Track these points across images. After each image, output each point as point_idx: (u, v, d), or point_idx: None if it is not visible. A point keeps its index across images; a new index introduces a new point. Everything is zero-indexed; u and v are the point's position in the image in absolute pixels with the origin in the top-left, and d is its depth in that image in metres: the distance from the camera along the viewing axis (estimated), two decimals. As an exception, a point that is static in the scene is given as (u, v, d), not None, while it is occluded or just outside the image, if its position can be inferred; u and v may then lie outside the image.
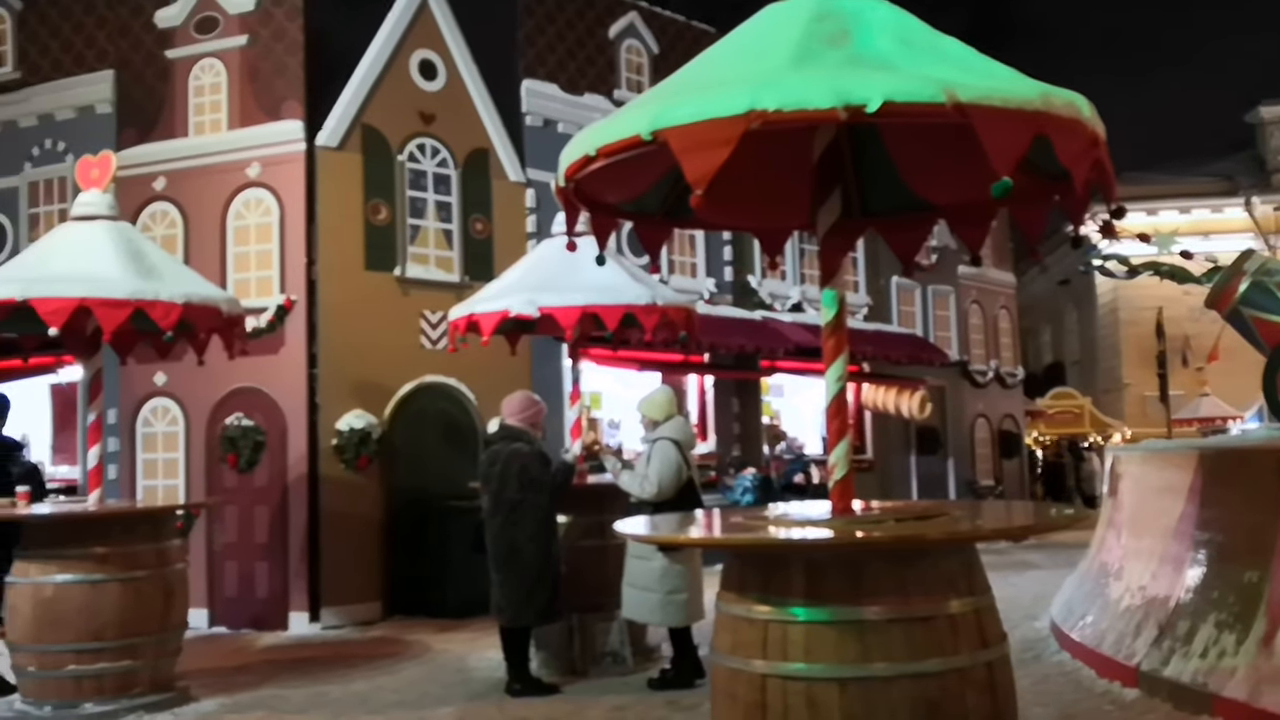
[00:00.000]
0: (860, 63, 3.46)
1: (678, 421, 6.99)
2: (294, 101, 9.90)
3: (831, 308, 4.02)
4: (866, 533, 3.79)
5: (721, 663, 3.82)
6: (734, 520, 4.54)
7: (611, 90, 12.39)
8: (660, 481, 6.62)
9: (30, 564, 6.57)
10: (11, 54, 11.30)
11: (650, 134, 3.37)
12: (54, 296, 6.45)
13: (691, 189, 3.28)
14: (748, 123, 3.22)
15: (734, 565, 3.89)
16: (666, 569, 6.57)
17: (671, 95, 3.59)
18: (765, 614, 3.64)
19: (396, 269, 10.21)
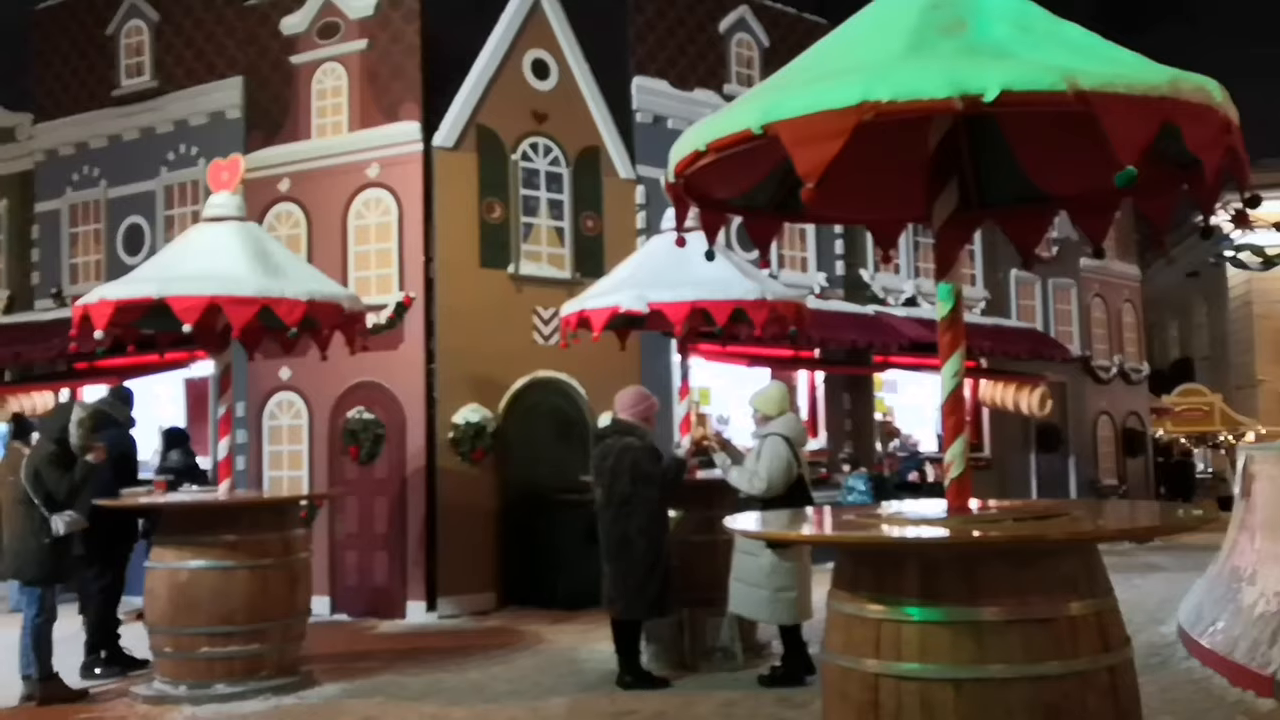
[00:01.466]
0: (977, 51, 3.39)
1: (790, 417, 6.94)
2: (411, 103, 10.14)
3: (947, 302, 3.95)
4: (984, 532, 3.72)
5: (833, 661, 3.79)
6: (846, 518, 4.49)
7: (722, 85, 12.36)
8: (770, 477, 6.58)
9: (166, 550, 6.89)
10: (149, 64, 11.83)
11: (761, 128, 3.35)
12: (187, 295, 6.74)
13: (803, 182, 3.25)
14: (860, 115, 3.18)
15: (846, 563, 3.86)
16: (775, 566, 6.52)
17: (782, 88, 3.56)
18: (878, 613, 3.61)
19: (510, 266, 10.37)
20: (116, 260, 11.64)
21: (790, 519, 4.85)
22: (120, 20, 12.00)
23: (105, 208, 12.00)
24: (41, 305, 12.32)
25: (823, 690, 3.95)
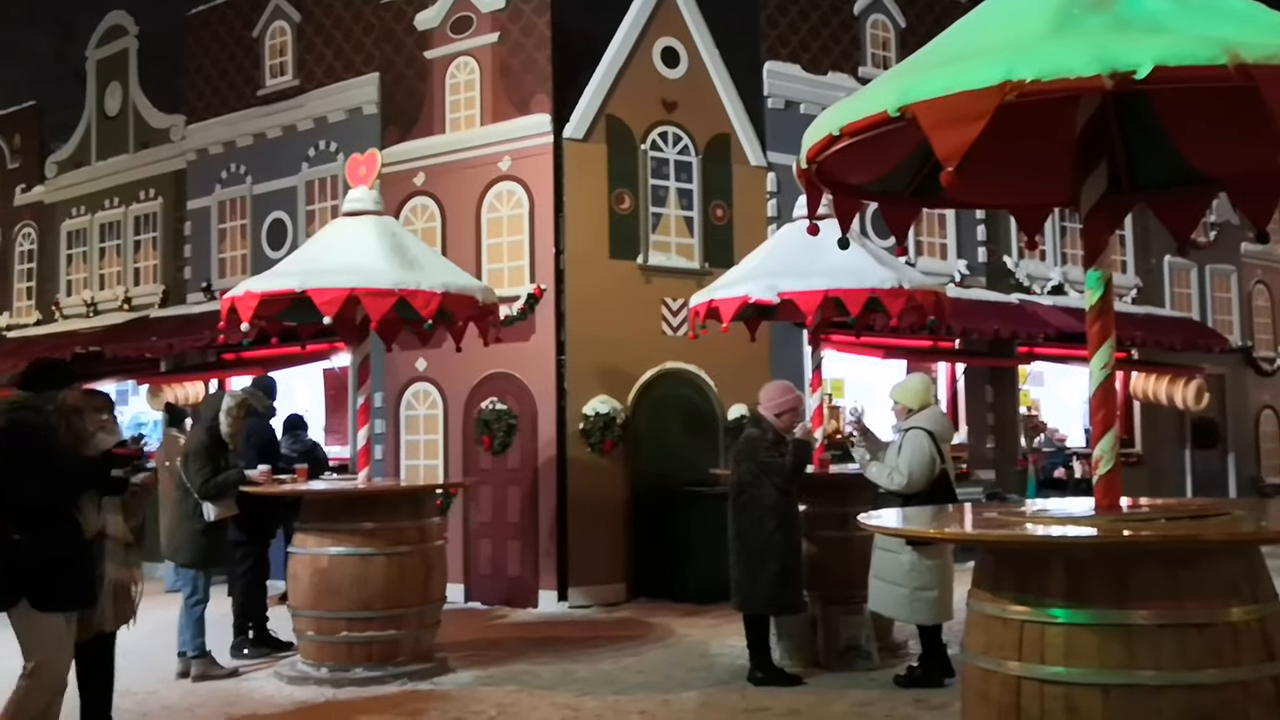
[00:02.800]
0: (1128, 25, 3.22)
1: (933, 410, 6.75)
2: (542, 95, 10.22)
3: (1096, 290, 3.79)
4: (1134, 531, 3.58)
5: (973, 662, 3.69)
6: (988, 515, 4.34)
7: (856, 68, 12.11)
8: (911, 473, 6.39)
9: (308, 536, 7.12)
10: (291, 63, 12.25)
11: (898, 110, 3.25)
12: (328, 288, 6.93)
13: (942, 166, 3.14)
14: (1003, 94, 3.06)
15: (988, 562, 3.74)
16: (915, 564, 6.34)
17: (920, 69, 3.45)
18: (1021, 614, 3.51)
19: (639, 257, 10.37)
20: (261, 254, 12.10)
21: (931, 516, 4.71)
22: (265, 22, 12.46)
23: (251, 204, 12.49)
24: (193, 299, 12.89)
25: (962, 692, 3.84)
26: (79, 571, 5.00)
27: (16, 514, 4.84)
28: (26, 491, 4.81)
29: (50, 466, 4.89)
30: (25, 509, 4.84)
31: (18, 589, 4.84)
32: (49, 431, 5.00)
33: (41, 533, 4.84)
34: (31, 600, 4.82)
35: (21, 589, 4.83)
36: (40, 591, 4.84)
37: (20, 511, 4.84)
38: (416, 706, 6.42)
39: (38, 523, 4.85)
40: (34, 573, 4.81)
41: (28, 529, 4.82)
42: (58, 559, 4.88)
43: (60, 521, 4.93)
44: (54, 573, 4.87)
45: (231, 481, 7.33)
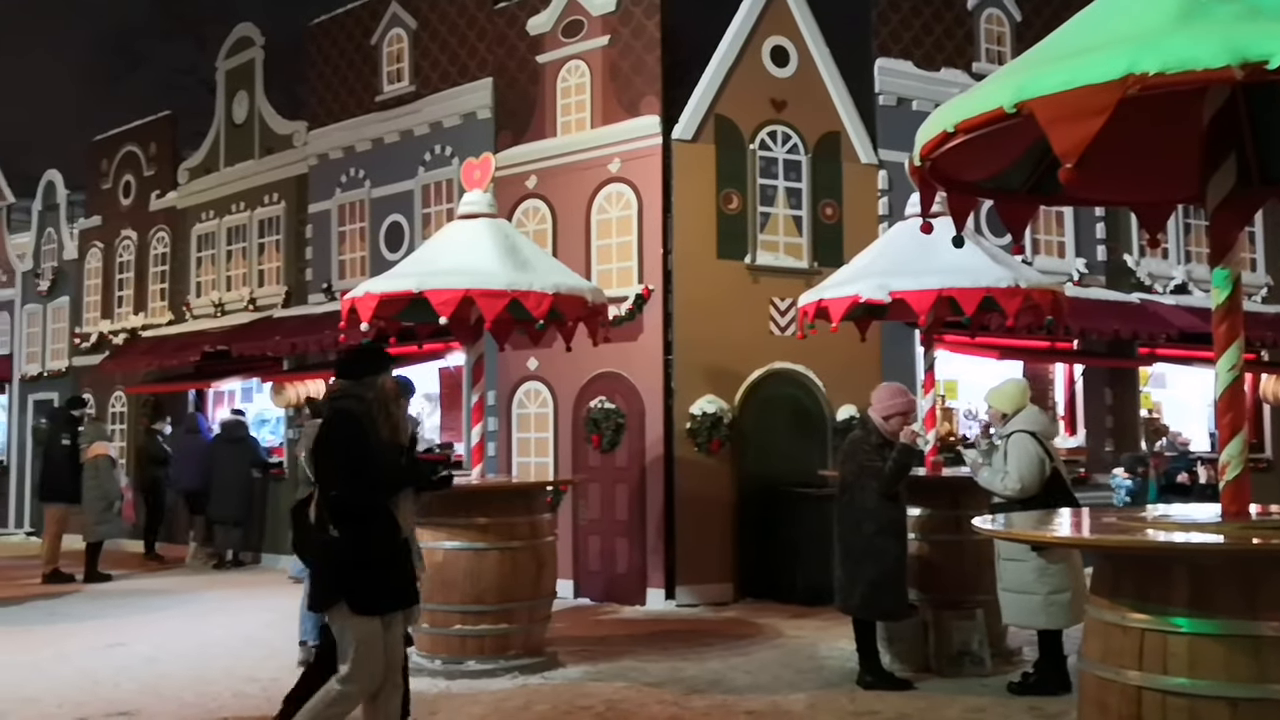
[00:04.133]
0: (1260, 14, 3.12)
1: (1032, 411, 6.60)
2: (651, 96, 10.28)
3: (1224, 289, 3.67)
4: (1264, 539, 3.44)
5: (1091, 671, 3.61)
6: (1106, 520, 4.24)
7: (970, 64, 11.87)
8: (1021, 477, 6.26)
9: (424, 530, 7.27)
10: (408, 70, 12.57)
11: (1014, 106, 3.21)
12: (443, 289, 7.10)
13: (1060, 162, 3.08)
14: (1124, 88, 2.99)
15: (1106, 568, 3.65)
16: (1044, 569, 6.18)
17: (1038, 63, 3.39)
18: (1142, 622, 3.42)
19: (747, 257, 10.35)
20: (379, 256, 12.43)
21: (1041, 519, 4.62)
22: (383, 30, 12.80)
23: (369, 207, 12.84)
24: (314, 299, 13.31)
25: (1079, 700, 3.76)
26: (399, 572, 4.76)
27: (335, 511, 4.62)
28: (350, 489, 4.59)
29: (374, 461, 4.65)
30: (345, 506, 4.62)
31: (336, 590, 4.62)
32: (370, 423, 4.73)
33: (361, 531, 4.61)
34: (350, 603, 4.59)
35: (340, 590, 4.60)
36: (359, 593, 4.60)
37: (340, 508, 4.62)
38: (527, 700, 6.53)
39: (358, 520, 4.63)
40: (353, 573, 4.60)
41: (347, 526, 4.59)
42: (378, 559, 4.64)
43: (380, 519, 4.69)
44: (374, 573, 4.64)
45: None
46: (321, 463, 4.73)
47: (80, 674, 7.36)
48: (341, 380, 4.94)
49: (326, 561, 4.69)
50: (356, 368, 4.95)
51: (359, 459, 4.62)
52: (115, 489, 12.24)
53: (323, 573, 4.73)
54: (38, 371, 18.23)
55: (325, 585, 4.70)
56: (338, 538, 4.60)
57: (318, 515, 4.70)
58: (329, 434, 4.74)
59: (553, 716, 6.19)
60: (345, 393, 4.83)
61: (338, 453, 4.66)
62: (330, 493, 4.66)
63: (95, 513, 12.12)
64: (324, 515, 4.66)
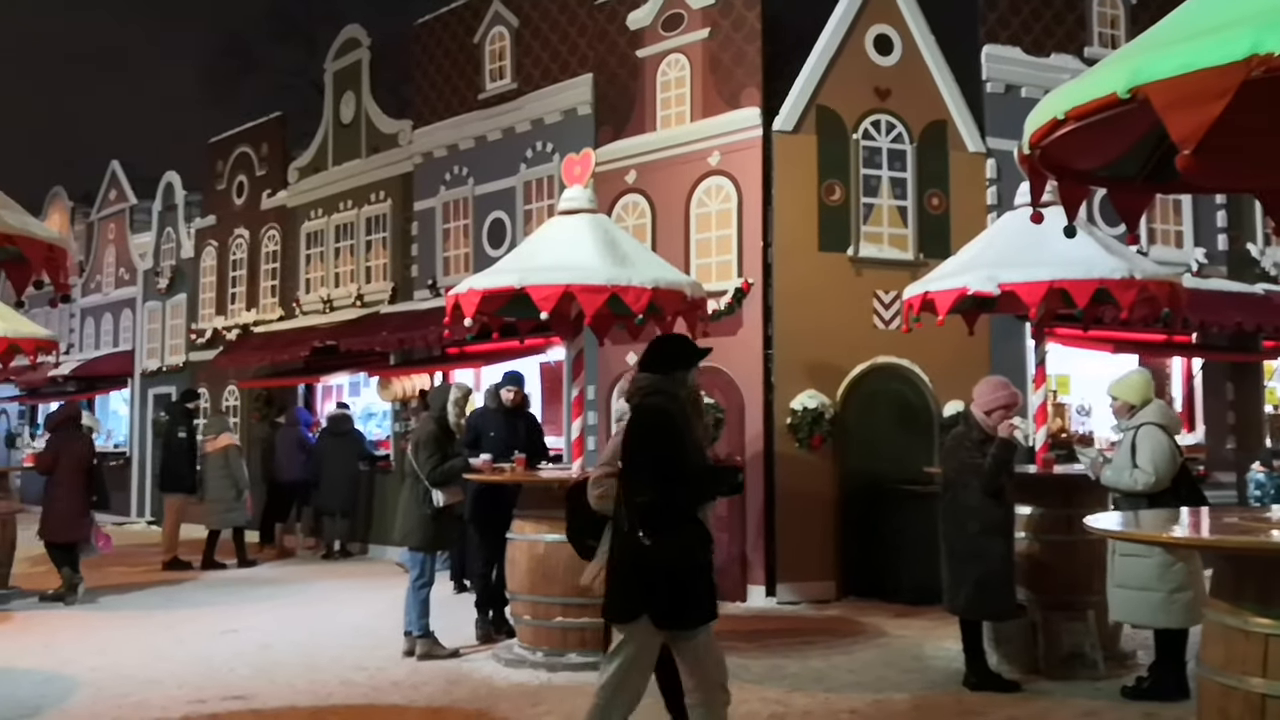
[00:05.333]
0: (1393, -13, 2.93)
1: (1159, 405, 6.37)
2: (752, 89, 10.20)
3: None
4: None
5: (1211, 677, 3.47)
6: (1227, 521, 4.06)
7: (1082, 48, 11.49)
8: (1157, 468, 6.05)
9: (526, 523, 7.38)
10: (510, 67, 12.71)
11: (1128, 91, 3.08)
12: (544, 284, 7.15)
13: (1178, 149, 2.95)
14: (1248, 70, 2.85)
15: (1227, 571, 3.51)
16: (1167, 566, 5.97)
17: (1154, 47, 3.25)
18: (1266, 628, 3.28)
19: (850, 249, 10.20)
20: (482, 252, 12.60)
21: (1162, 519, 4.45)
22: (485, 28, 12.96)
23: (472, 204, 13.02)
24: (420, 295, 13.56)
25: (1199, 708, 3.62)
26: (706, 583, 4.46)
27: (646, 517, 4.30)
28: (664, 494, 4.29)
29: (690, 465, 4.37)
30: (657, 512, 4.31)
31: (641, 603, 4.34)
32: (685, 422, 4.48)
33: (673, 539, 4.30)
34: (654, 617, 4.33)
35: (645, 603, 4.33)
36: (666, 607, 4.31)
37: (651, 515, 4.31)
38: (627, 693, 6.54)
39: (668, 528, 4.31)
40: (663, 585, 4.30)
41: (659, 534, 4.27)
42: (690, 569, 4.34)
43: (693, 525, 4.38)
44: (684, 585, 4.34)
45: (457, 469, 7.68)
46: (632, 463, 4.42)
47: (197, 658, 7.64)
48: (648, 374, 4.63)
49: (635, 570, 4.34)
50: (666, 361, 4.65)
51: (673, 462, 4.31)
52: (244, 478, 12.68)
53: (627, 581, 4.38)
54: (157, 366, 18.98)
55: (630, 595, 4.37)
56: (650, 546, 4.26)
57: (628, 520, 4.37)
58: (640, 433, 4.42)
59: (655, 710, 6.17)
60: (655, 388, 4.54)
61: (650, 454, 4.35)
62: (639, 498, 4.34)
63: (225, 501, 12.57)
64: (633, 520, 4.34)
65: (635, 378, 4.72)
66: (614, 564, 4.60)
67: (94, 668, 7.32)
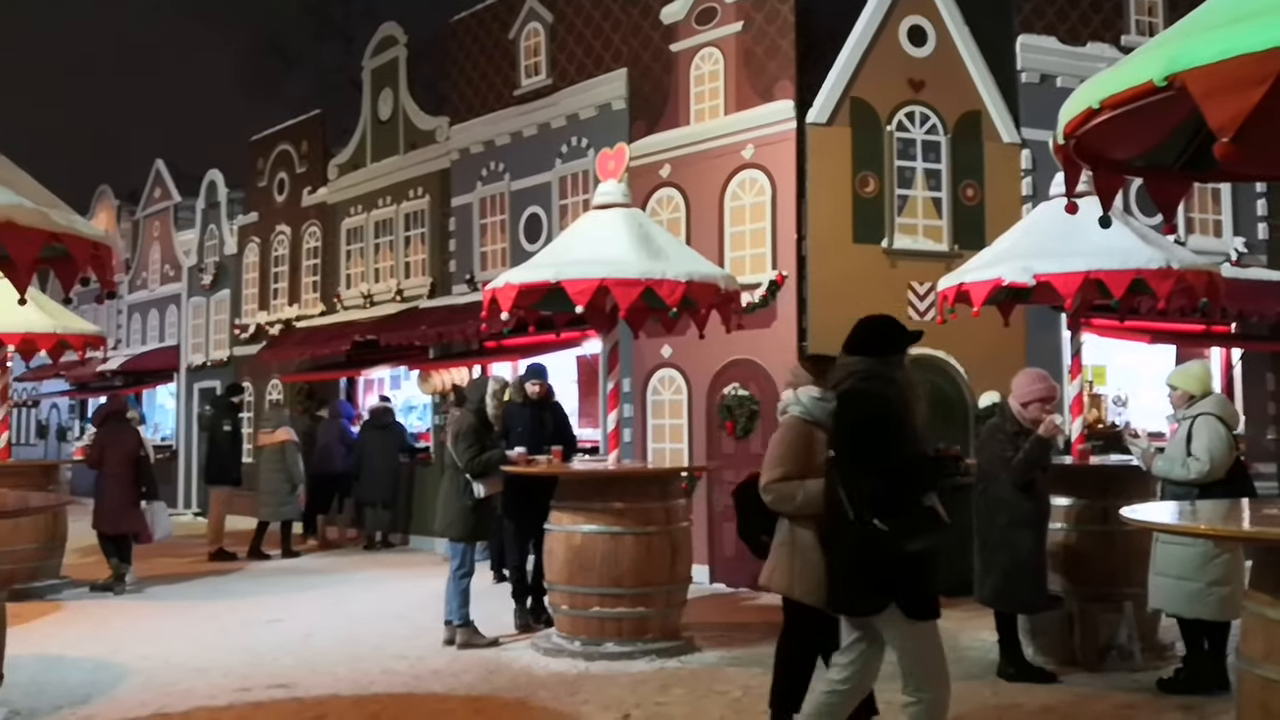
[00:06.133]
0: None
1: (1218, 397, 6.36)
2: (785, 81, 10.20)
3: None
4: None
5: (1252, 670, 3.46)
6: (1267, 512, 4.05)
7: (1119, 37, 11.38)
8: (1213, 458, 6.01)
9: (563, 514, 7.45)
10: (545, 63, 12.77)
11: (1165, 79, 3.07)
12: (580, 278, 7.22)
13: (1216, 137, 2.94)
14: (1287, 56, 2.83)
15: (1268, 563, 3.49)
16: (1209, 557, 5.92)
17: (1192, 33, 3.24)
18: None
19: (884, 241, 10.18)
20: (519, 247, 12.68)
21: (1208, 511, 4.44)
22: (520, 24, 13.03)
23: (509, 200, 13.11)
24: (458, 290, 13.66)
25: (1239, 702, 3.60)
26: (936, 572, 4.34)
27: (876, 503, 4.18)
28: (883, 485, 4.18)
29: (910, 455, 4.26)
30: (881, 501, 4.18)
31: (885, 592, 4.20)
32: (904, 409, 4.32)
33: (908, 525, 4.16)
34: (905, 608, 4.21)
35: (891, 593, 4.19)
36: (915, 597, 4.22)
37: (880, 499, 4.18)
38: (664, 682, 6.61)
39: (904, 511, 4.19)
40: (906, 574, 4.20)
41: (892, 520, 4.14)
42: (927, 556, 4.22)
43: (922, 511, 4.24)
44: (924, 574, 4.25)
45: (495, 461, 7.77)
46: (852, 451, 4.28)
47: (242, 648, 7.78)
48: (857, 357, 4.46)
49: (872, 561, 4.20)
50: (880, 343, 4.49)
51: (894, 451, 4.18)
52: (299, 473, 12.87)
53: (865, 573, 4.24)
54: (202, 361, 19.25)
55: (871, 587, 4.23)
56: (888, 533, 4.10)
57: (854, 509, 4.21)
58: (858, 419, 4.28)
59: (690, 700, 6.24)
60: (871, 372, 4.36)
61: (871, 441, 4.21)
62: (865, 487, 4.21)
63: (279, 495, 12.76)
64: (860, 509, 4.19)
65: (844, 361, 4.50)
66: (840, 558, 4.40)
67: (142, 656, 7.48)
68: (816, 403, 4.95)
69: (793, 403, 5.05)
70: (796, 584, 4.91)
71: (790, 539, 4.93)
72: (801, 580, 4.87)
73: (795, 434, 4.96)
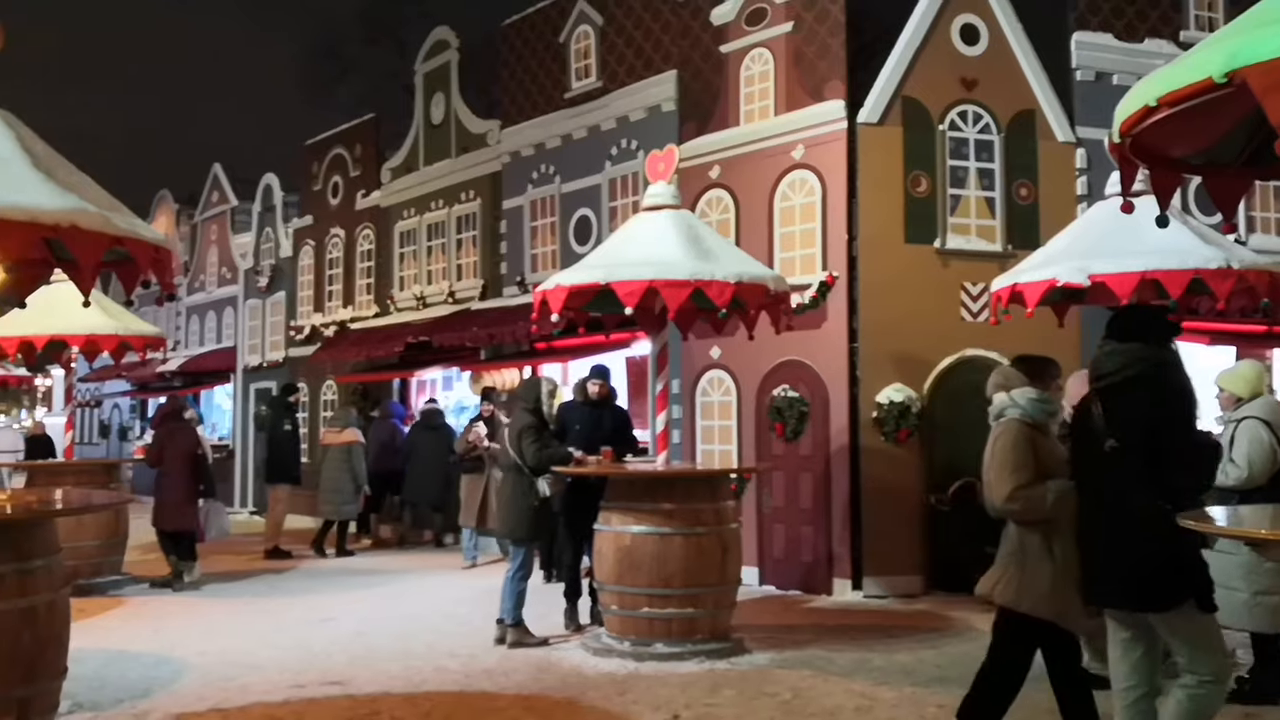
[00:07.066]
0: None
1: (1267, 399, 6.19)
2: (836, 81, 10.15)
3: None
4: None
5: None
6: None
7: (1177, 33, 11.19)
8: (1251, 464, 5.89)
9: (612, 514, 7.48)
10: (595, 66, 12.82)
11: (1225, 75, 3.01)
12: (629, 280, 7.24)
13: (1277, 134, 2.88)
14: (1351, 51, 2.77)
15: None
16: (1253, 566, 5.81)
17: (1253, 27, 3.17)
18: None
19: (936, 241, 10.09)
20: (569, 249, 12.74)
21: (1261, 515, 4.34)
22: (571, 27, 13.10)
23: (559, 202, 13.17)
24: (509, 292, 13.76)
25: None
26: None
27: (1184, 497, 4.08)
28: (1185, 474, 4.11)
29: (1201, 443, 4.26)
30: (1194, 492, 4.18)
31: (1187, 588, 4.12)
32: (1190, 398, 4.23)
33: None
34: (1200, 602, 4.15)
35: (1191, 588, 4.13)
36: (1207, 589, 4.15)
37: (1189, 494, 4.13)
38: (714, 683, 6.60)
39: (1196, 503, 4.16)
40: (1198, 567, 4.17)
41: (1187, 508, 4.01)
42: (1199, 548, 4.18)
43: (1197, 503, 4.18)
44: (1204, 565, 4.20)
45: (560, 454, 7.82)
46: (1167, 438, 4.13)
47: (297, 645, 7.90)
48: (1137, 344, 4.31)
49: (1176, 551, 4.09)
50: (1156, 330, 4.37)
51: (1194, 440, 4.16)
52: (363, 474, 13.07)
53: (1161, 568, 4.14)
54: (258, 362, 19.56)
55: (1174, 580, 4.13)
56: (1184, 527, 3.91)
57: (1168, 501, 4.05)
58: (1170, 408, 4.16)
59: (739, 701, 6.24)
60: (1161, 359, 4.25)
61: (1180, 431, 4.12)
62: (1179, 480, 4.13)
63: (343, 493, 12.96)
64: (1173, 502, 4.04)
65: (1123, 348, 4.34)
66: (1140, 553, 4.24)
67: (200, 652, 7.62)
68: (1036, 405, 4.85)
69: (1009, 405, 4.87)
70: (1025, 596, 4.76)
71: (1019, 548, 4.77)
72: (1030, 592, 4.73)
73: (1022, 437, 4.81)
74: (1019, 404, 4.89)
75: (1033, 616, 4.76)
